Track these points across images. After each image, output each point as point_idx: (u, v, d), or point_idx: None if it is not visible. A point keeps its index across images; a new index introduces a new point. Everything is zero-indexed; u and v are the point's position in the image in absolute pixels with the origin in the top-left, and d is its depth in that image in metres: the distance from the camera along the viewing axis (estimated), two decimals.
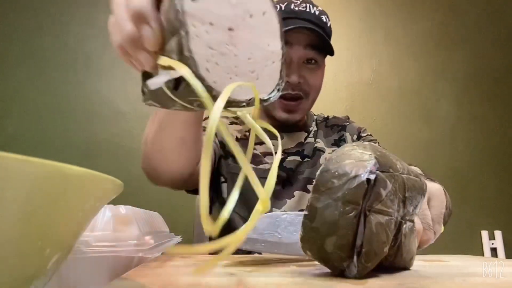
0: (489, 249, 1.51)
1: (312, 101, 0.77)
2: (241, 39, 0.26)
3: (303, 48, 0.71)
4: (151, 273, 0.25)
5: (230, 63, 0.25)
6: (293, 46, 0.71)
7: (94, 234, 0.30)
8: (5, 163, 0.12)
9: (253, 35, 0.26)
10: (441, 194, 0.43)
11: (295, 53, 0.71)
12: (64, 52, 1.50)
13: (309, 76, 0.74)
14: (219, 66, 0.25)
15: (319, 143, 0.82)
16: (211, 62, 0.24)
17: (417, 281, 0.21)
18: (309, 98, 0.76)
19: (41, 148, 1.40)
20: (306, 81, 0.73)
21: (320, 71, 0.76)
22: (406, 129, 1.60)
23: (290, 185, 0.74)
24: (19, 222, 0.13)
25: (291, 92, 0.73)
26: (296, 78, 0.72)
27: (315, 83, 0.75)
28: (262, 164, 0.76)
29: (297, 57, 0.72)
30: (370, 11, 1.66)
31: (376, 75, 1.64)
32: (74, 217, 0.17)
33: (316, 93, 0.77)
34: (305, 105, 0.76)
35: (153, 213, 0.45)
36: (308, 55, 0.72)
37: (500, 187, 1.58)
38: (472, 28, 1.70)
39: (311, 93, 0.75)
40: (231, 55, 0.25)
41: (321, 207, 0.24)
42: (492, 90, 1.66)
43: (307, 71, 0.74)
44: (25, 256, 0.14)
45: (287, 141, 0.81)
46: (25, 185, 0.13)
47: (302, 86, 0.73)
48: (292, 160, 0.78)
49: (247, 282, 0.21)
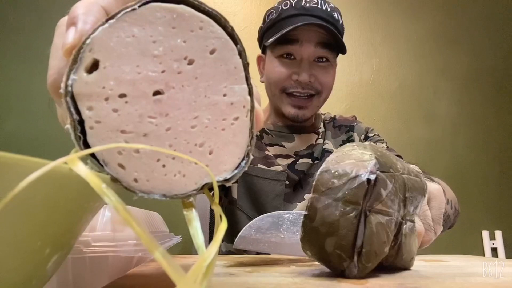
0: (490, 249, 1.51)
1: (324, 100, 0.75)
2: (176, 102, 0.18)
3: (313, 46, 0.69)
4: (151, 273, 0.25)
5: (161, 143, 0.18)
6: (304, 44, 0.69)
7: (93, 234, 0.30)
8: (4, 163, 0.12)
9: (196, 89, 0.18)
10: (441, 194, 0.43)
11: (305, 51, 0.69)
12: None
13: (320, 75, 0.71)
14: (141, 154, 0.17)
15: (328, 145, 0.80)
16: (126, 153, 0.17)
17: (417, 281, 0.21)
18: (321, 96, 0.73)
19: (41, 148, 1.40)
20: (317, 80, 0.71)
21: (332, 69, 0.74)
22: (406, 129, 1.60)
23: (301, 188, 0.73)
24: (19, 222, 0.13)
25: (301, 90, 0.71)
26: (307, 76, 0.69)
27: (327, 82, 0.73)
28: (274, 166, 0.75)
29: (307, 55, 0.70)
30: (370, 11, 1.66)
31: (376, 75, 1.63)
32: (74, 217, 0.17)
33: (328, 92, 0.75)
34: (317, 103, 0.73)
35: (153, 213, 0.45)
36: (319, 53, 0.70)
37: (501, 187, 1.58)
38: (472, 28, 1.70)
39: (323, 91, 0.73)
40: (160, 131, 0.18)
41: (321, 207, 0.24)
42: (492, 90, 1.66)
43: (319, 70, 0.71)
44: (25, 256, 0.14)
45: (298, 143, 0.79)
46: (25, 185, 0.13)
47: (313, 84, 0.71)
48: (304, 162, 0.76)
49: (247, 282, 0.21)
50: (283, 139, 0.80)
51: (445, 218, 0.63)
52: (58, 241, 0.16)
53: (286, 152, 0.78)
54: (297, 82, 0.71)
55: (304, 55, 0.70)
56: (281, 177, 0.73)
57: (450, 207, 0.64)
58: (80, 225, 0.18)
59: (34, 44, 1.49)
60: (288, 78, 0.72)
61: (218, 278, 0.22)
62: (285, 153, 0.78)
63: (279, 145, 0.79)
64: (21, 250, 0.14)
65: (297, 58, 0.71)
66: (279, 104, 0.74)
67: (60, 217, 0.16)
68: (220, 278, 0.22)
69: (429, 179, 0.53)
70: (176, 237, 0.47)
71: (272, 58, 0.74)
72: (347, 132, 0.84)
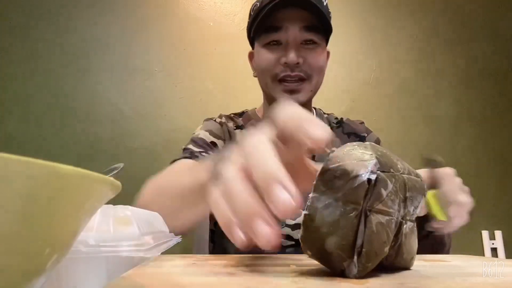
0: (490, 249, 1.51)
1: (316, 84, 0.73)
2: None
3: (298, 30, 0.69)
4: (151, 273, 0.25)
5: None
6: (289, 29, 0.68)
7: (93, 234, 0.30)
8: (5, 163, 0.12)
9: None
10: (452, 175, 0.46)
11: (291, 35, 0.69)
12: (64, 52, 1.50)
13: (309, 57, 0.70)
14: None
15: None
16: None
17: (417, 281, 0.21)
18: (312, 80, 0.72)
19: (41, 148, 1.40)
20: (306, 62, 0.70)
21: (321, 50, 0.72)
22: (406, 129, 1.60)
23: None
24: (20, 222, 0.13)
25: (291, 73, 0.69)
26: (294, 56, 0.68)
27: (316, 63, 0.71)
28: None
29: (293, 38, 0.69)
30: (370, 11, 1.66)
31: (376, 75, 1.63)
32: (73, 217, 0.17)
33: (319, 74, 0.73)
34: (309, 87, 0.72)
35: (153, 213, 0.45)
36: (304, 36, 0.69)
37: (501, 187, 1.58)
38: (472, 28, 1.70)
39: (313, 75, 0.71)
40: None
41: (322, 206, 0.24)
42: (492, 90, 1.66)
43: (307, 52, 0.70)
44: (25, 256, 0.14)
45: None
46: (25, 185, 0.13)
47: (302, 67, 0.70)
48: None
49: (247, 281, 0.21)
50: None
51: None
52: (57, 241, 0.16)
53: None
54: (286, 65, 0.70)
55: (290, 38, 0.69)
56: None
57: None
58: (79, 225, 0.19)
59: (35, 45, 1.49)
60: (277, 63, 0.71)
61: (218, 278, 0.22)
62: None
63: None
64: (22, 250, 0.14)
65: (283, 43, 0.70)
66: (273, 93, 0.73)
67: (60, 217, 0.16)
68: (220, 278, 0.22)
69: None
70: (176, 237, 0.47)
71: (259, 49, 0.74)
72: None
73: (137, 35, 1.55)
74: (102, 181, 0.17)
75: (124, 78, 1.52)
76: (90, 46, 1.52)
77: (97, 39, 1.53)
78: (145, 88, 1.52)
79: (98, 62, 1.52)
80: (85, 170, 0.15)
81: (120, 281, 0.22)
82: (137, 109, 1.49)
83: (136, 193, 0.58)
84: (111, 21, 1.55)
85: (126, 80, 1.52)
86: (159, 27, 1.57)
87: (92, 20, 1.53)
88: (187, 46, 1.57)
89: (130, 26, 1.55)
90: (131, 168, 1.35)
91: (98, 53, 1.52)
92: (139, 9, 1.57)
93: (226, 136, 0.80)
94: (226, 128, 0.81)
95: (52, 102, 1.46)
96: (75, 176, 0.14)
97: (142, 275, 0.23)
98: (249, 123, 0.83)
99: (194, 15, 1.60)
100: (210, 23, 1.59)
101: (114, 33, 1.54)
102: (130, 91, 1.51)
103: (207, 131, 0.78)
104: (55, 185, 0.14)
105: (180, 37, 1.57)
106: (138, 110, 1.49)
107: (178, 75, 1.54)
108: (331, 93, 1.58)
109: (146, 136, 1.46)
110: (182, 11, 1.59)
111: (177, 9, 1.59)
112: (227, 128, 0.81)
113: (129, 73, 1.52)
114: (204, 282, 0.21)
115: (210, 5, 1.60)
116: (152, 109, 1.49)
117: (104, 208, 0.33)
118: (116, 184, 0.18)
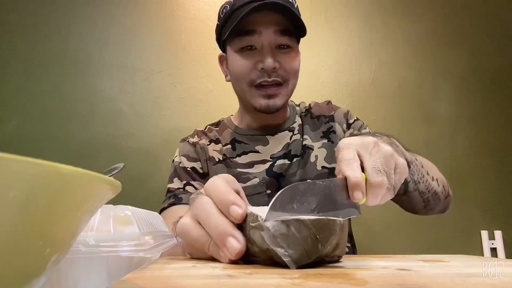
0: (489, 249, 1.51)
1: (292, 87, 0.74)
2: None
3: (273, 33, 0.68)
4: (151, 276, 0.25)
5: None
6: (263, 32, 0.68)
7: (93, 234, 0.30)
8: (5, 163, 0.12)
9: None
10: (406, 168, 0.42)
11: (265, 39, 0.68)
12: (64, 52, 1.50)
13: (284, 62, 0.70)
14: None
15: (307, 140, 0.78)
16: None
17: (417, 281, 0.21)
18: (288, 84, 0.72)
19: (41, 148, 1.40)
20: (282, 67, 0.70)
21: (294, 53, 0.72)
22: (406, 129, 1.60)
23: None
24: (20, 222, 0.13)
25: (268, 79, 0.69)
26: (271, 62, 0.68)
27: (292, 67, 0.72)
28: (250, 180, 0.73)
29: (268, 42, 0.69)
30: (370, 11, 1.66)
31: (376, 75, 1.63)
32: (73, 217, 0.17)
33: (295, 78, 0.73)
34: (285, 91, 0.72)
35: (153, 213, 0.45)
36: (279, 41, 0.69)
37: (500, 187, 1.58)
38: (472, 28, 1.70)
39: (289, 79, 0.72)
40: None
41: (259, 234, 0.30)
42: (492, 90, 1.66)
43: (283, 57, 0.70)
44: (26, 256, 0.14)
45: (272, 146, 0.78)
46: (25, 185, 0.13)
47: (278, 72, 0.70)
48: (281, 164, 0.75)
49: (247, 284, 0.21)
50: (257, 143, 0.78)
51: (432, 194, 0.63)
52: (58, 241, 0.16)
53: (262, 157, 0.77)
54: (263, 71, 0.69)
55: (265, 43, 0.69)
56: (260, 189, 0.72)
57: (437, 184, 0.65)
58: (79, 225, 0.19)
59: (35, 46, 1.49)
60: (253, 69, 0.70)
61: (217, 280, 0.22)
62: (261, 158, 0.77)
63: (253, 151, 0.78)
64: (22, 250, 0.14)
65: (258, 48, 0.70)
66: (249, 98, 0.73)
67: (60, 217, 0.16)
68: (220, 280, 0.22)
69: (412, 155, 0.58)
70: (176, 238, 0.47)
71: (232, 54, 0.72)
72: (327, 123, 0.81)
73: (137, 35, 1.55)
74: (102, 181, 0.17)
75: (124, 78, 1.52)
76: (90, 46, 1.52)
77: (97, 39, 1.53)
78: (145, 88, 1.52)
79: (98, 62, 1.52)
80: (85, 170, 0.15)
81: (120, 284, 0.22)
82: (137, 109, 1.49)
83: (136, 193, 0.58)
84: (111, 21, 1.55)
85: (126, 80, 1.52)
86: (159, 27, 1.57)
87: (92, 20, 1.53)
88: (187, 46, 1.57)
89: (130, 26, 1.55)
90: (131, 168, 1.35)
91: (98, 53, 1.52)
92: (139, 9, 1.57)
93: (201, 155, 0.81)
94: (199, 146, 0.82)
95: (52, 102, 1.46)
96: (75, 176, 0.14)
97: (142, 278, 0.23)
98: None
99: (194, 15, 1.60)
100: (210, 23, 1.59)
101: (114, 33, 1.54)
102: (130, 91, 1.51)
103: (184, 156, 0.80)
104: (55, 185, 0.14)
105: (180, 37, 1.57)
106: (138, 110, 1.49)
107: (178, 75, 1.54)
108: (331, 93, 1.58)
109: (146, 136, 1.46)
110: (182, 11, 1.59)
111: (177, 9, 1.59)
112: (199, 147, 0.82)
113: (129, 73, 1.52)
114: (204, 285, 0.21)
115: (210, 5, 1.60)
116: (152, 109, 1.48)
117: (104, 208, 0.34)
118: (116, 184, 0.18)
